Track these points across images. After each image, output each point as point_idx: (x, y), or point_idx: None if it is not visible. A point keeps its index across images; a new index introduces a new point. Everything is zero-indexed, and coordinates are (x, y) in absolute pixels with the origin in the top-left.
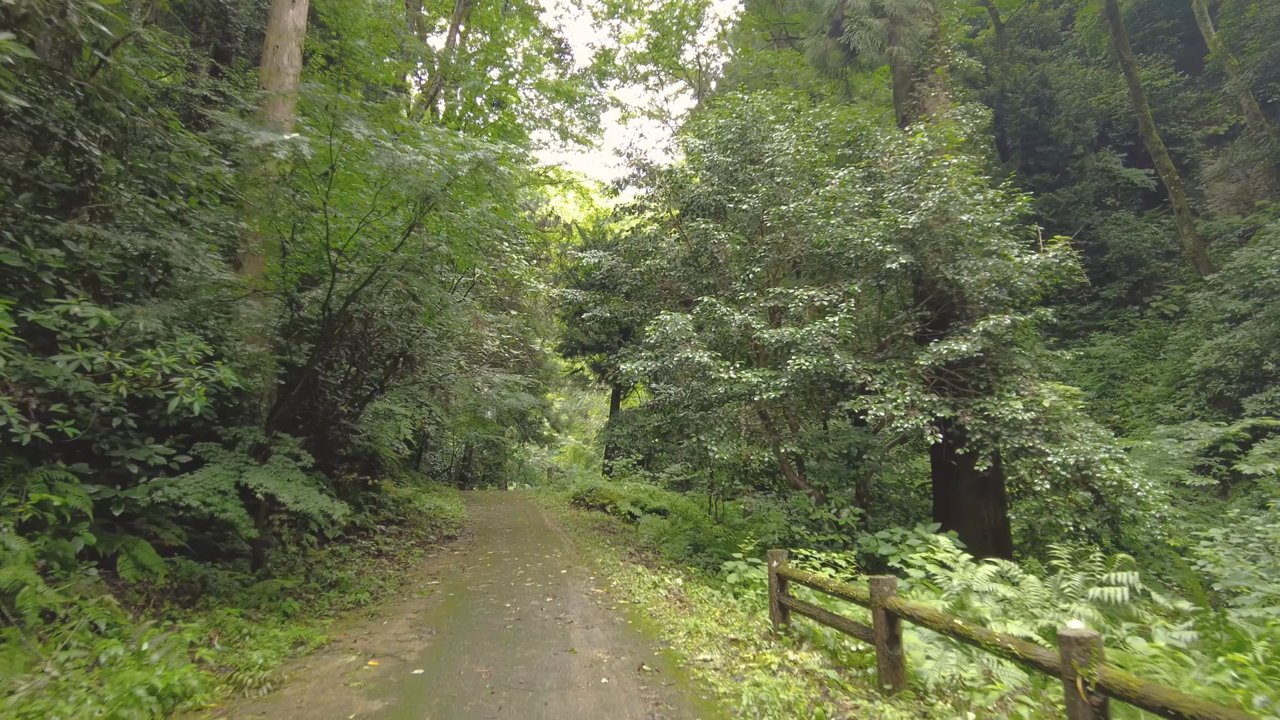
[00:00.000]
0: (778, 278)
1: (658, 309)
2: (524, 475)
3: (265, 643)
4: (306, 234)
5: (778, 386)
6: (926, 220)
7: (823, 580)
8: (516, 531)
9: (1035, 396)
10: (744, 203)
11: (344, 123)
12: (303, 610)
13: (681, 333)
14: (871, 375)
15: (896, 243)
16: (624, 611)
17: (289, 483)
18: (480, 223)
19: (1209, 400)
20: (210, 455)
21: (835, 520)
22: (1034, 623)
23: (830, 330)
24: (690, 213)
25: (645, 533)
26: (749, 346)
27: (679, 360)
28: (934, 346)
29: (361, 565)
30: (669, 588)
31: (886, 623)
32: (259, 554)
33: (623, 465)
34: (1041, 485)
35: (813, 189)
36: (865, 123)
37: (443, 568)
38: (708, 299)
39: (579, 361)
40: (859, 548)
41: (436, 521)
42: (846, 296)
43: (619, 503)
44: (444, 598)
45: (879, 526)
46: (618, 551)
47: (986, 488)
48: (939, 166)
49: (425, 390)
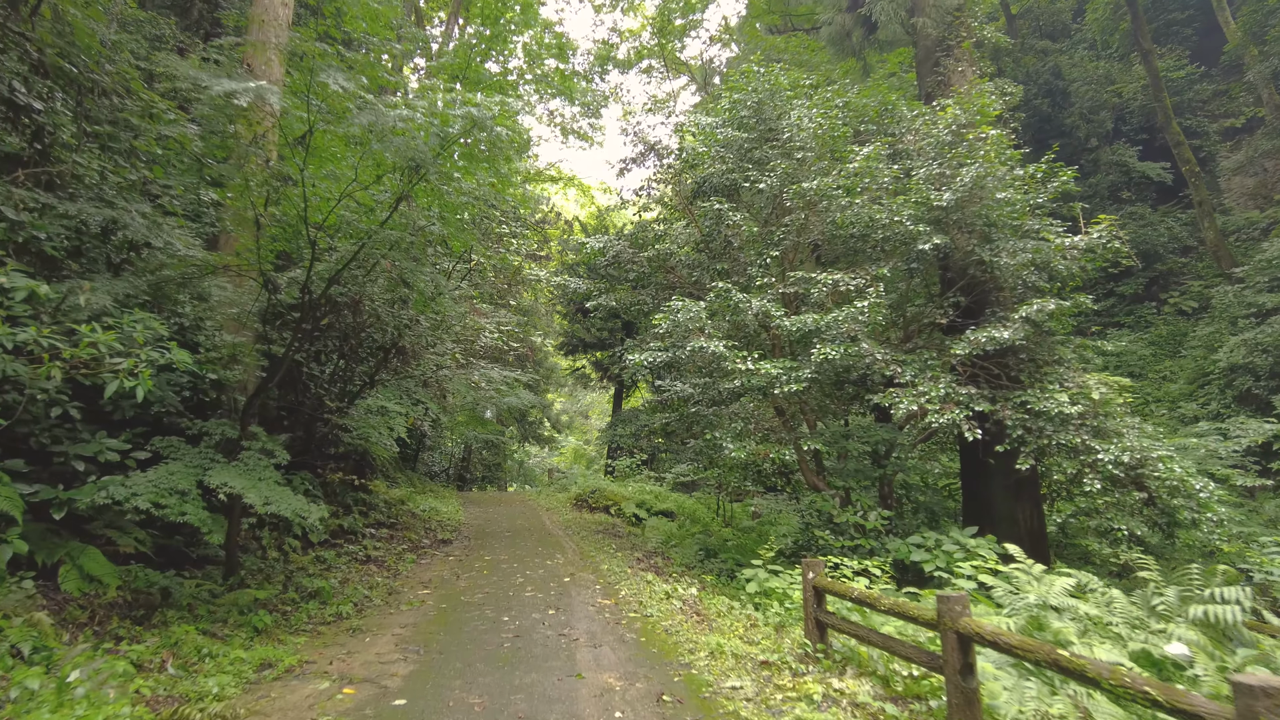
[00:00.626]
0: (796, 263)
1: (667, 298)
2: (524, 476)
3: (226, 666)
4: (283, 206)
5: (800, 378)
6: (962, 197)
7: (872, 597)
8: (516, 535)
9: (1082, 389)
10: (760, 182)
11: (320, 74)
12: (276, 625)
13: (694, 320)
14: (901, 366)
15: (928, 222)
16: (635, 627)
17: (260, 482)
18: (476, 199)
19: (1235, 398)
20: (171, 451)
21: (862, 524)
22: (1122, 646)
23: (859, 316)
24: (702, 194)
25: (652, 536)
26: (766, 336)
27: (691, 350)
28: (971, 334)
29: (347, 572)
30: (683, 598)
31: (959, 649)
32: (232, 561)
33: (626, 465)
34: (1091, 485)
35: (835, 167)
36: (890, 96)
37: (436, 575)
38: (722, 284)
39: (580, 359)
40: (887, 553)
41: (431, 524)
42: (875, 281)
43: (623, 504)
44: (435, 610)
45: (907, 530)
46: (624, 557)
47: (1022, 488)
48: (974, 139)
49: (419, 385)
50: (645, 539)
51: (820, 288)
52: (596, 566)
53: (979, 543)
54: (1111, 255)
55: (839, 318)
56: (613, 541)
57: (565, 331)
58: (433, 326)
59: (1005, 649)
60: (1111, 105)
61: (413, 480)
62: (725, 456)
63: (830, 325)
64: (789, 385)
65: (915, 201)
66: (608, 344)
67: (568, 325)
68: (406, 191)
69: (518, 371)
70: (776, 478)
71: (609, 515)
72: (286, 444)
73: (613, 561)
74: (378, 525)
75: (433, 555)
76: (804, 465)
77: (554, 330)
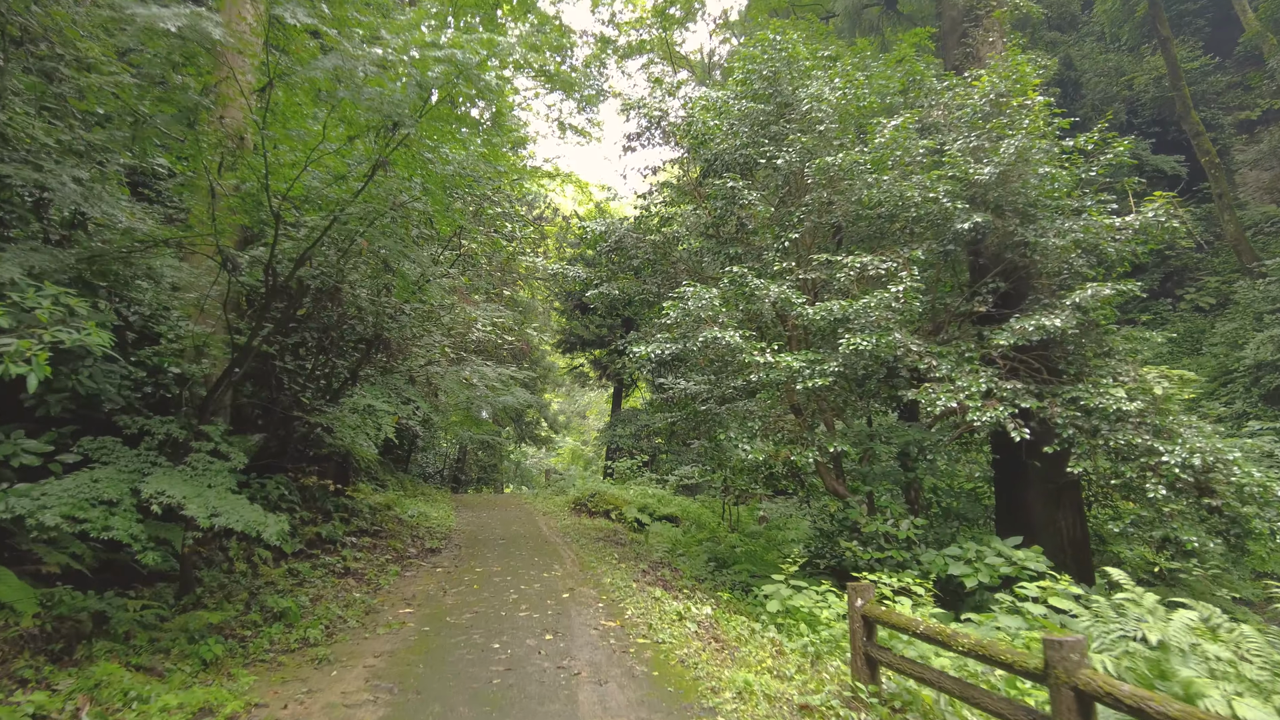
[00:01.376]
0: (814, 248)
1: (672, 288)
2: (520, 477)
3: (154, 715)
4: (240, 172)
5: (825, 372)
6: (1003, 171)
7: (945, 634)
8: (510, 543)
9: (1138, 382)
10: (778, 157)
11: (277, 6)
12: (230, 655)
13: (707, 308)
14: (937, 359)
15: (966, 199)
16: (646, 656)
17: (209, 489)
18: (464, 170)
19: (1262, 396)
20: (103, 454)
21: (892, 533)
22: (1266, 700)
23: (892, 303)
24: (712, 173)
25: (656, 544)
26: (785, 326)
27: (704, 342)
28: (1016, 323)
29: (322, 587)
30: (697, 620)
31: (1079, 711)
32: (187, 578)
33: (627, 467)
34: (1155, 491)
35: (859, 142)
36: (917, 66)
37: (421, 590)
38: (737, 269)
39: (579, 357)
40: (919, 566)
41: (419, 531)
42: (908, 264)
43: (625, 509)
44: (416, 633)
45: (940, 540)
46: (628, 569)
47: (1063, 493)
48: (1018, 107)
49: (407, 382)
50: (649, 547)
51: (846, 272)
52: (598, 580)
53: (1026, 554)
54: (1168, 236)
55: (870, 304)
56: (615, 550)
57: (563, 329)
58: (420, 318)
59: (1141, 713)
60: (1123, 98)
61: (403, 483)
62: (739, 458)
63: (859, 313)
64: (812, 380)
65: (952, 176)
66: (607, 341)
67: (565, 323)
68: (383, 157)
69: (513, 368)
70: (788, 481)
71: (610, 520)
72: (259, 445)
73: (616, 574)
74: (360, 533)
75: (419, 566)
76: (823, 468)
77: (551, 329)
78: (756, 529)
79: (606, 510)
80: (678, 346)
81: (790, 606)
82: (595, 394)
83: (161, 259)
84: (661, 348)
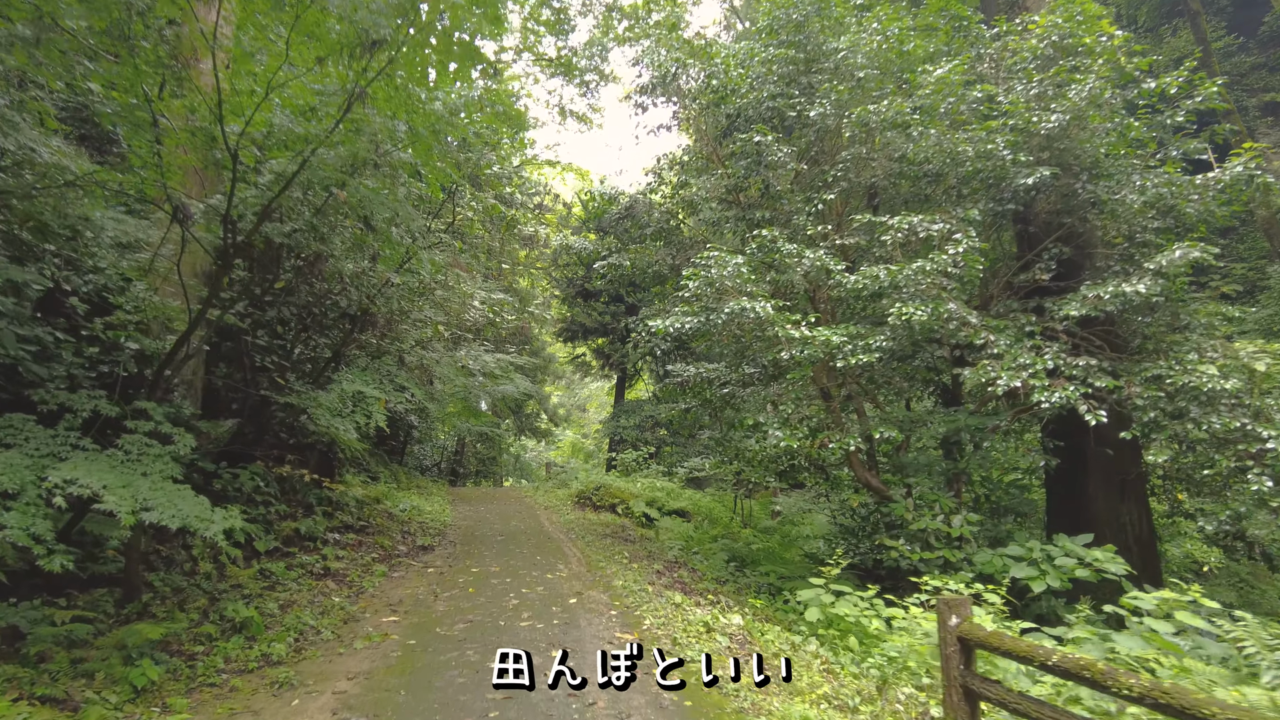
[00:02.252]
0: (847, 213)
1: (688, 258)
2: (520, 470)
3: None
4: (189, 98)
5: (871, 348)
6: (1073, 120)
7: (1097, 670)
8: (510, 539)
9: (1231, 359)
10: (811, 109)
11: None
12: (170, 678)
13: (733, 277)
14: (994, 333)
15: (1029, 151)
16: (674, 682)
17: (141, 478)
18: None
19: None
20: (9, 435)
21: (944, 530)
22: None
23: (949, 268)
24: (734, 132)
25: (668, 541)
26: (819, 299)
27: (730, 314)
28: (1087, 291)
29: (295, 591)
30: (728, 632)
31: None
32: (132, 582)
33: (632, 459)
34: (1260, 482)
35: (901, 95)
36: (963, 9)
37: (409, 593)
38: (766, 232)
39: (580, 346)
40: (973, 567)
41: (410, 527)
42: (963, 225)
43: (632, 503)
44: (400, 648)
45: (994, 537)
46: (641, 569)
47: (1127, 486)
48: (1092, 44)
49: (397, 363)
50: (661, 544)
51: (893, 234)
52: (609, 582)
53: (1101, 555)
54: (1258, 194)
55: (924, 268)
56: (624, 547)
57: (564, 318)
58: (411, 294)
59: None
60: None
61: (398, 475)
62: (771, 446)
63: (910, 280)
64: (856, 357)
65: (1012, 127)
66: (610, 329)
67: (567, 311)
68: (360, 86)
69: (512, 353)
70: (807, 473)
71: (616, 515)
72: (232, 431)
73: (628, 575)
74: (344, 529)
75: (408, 566)
76: (854, 459)
77: (550, 320)
78: (770, 524)
79: (612, 504)
80: (699, 320)
81: (833, 616)
82: (597, 385)
83: (100, 209)
84: (681, 322)
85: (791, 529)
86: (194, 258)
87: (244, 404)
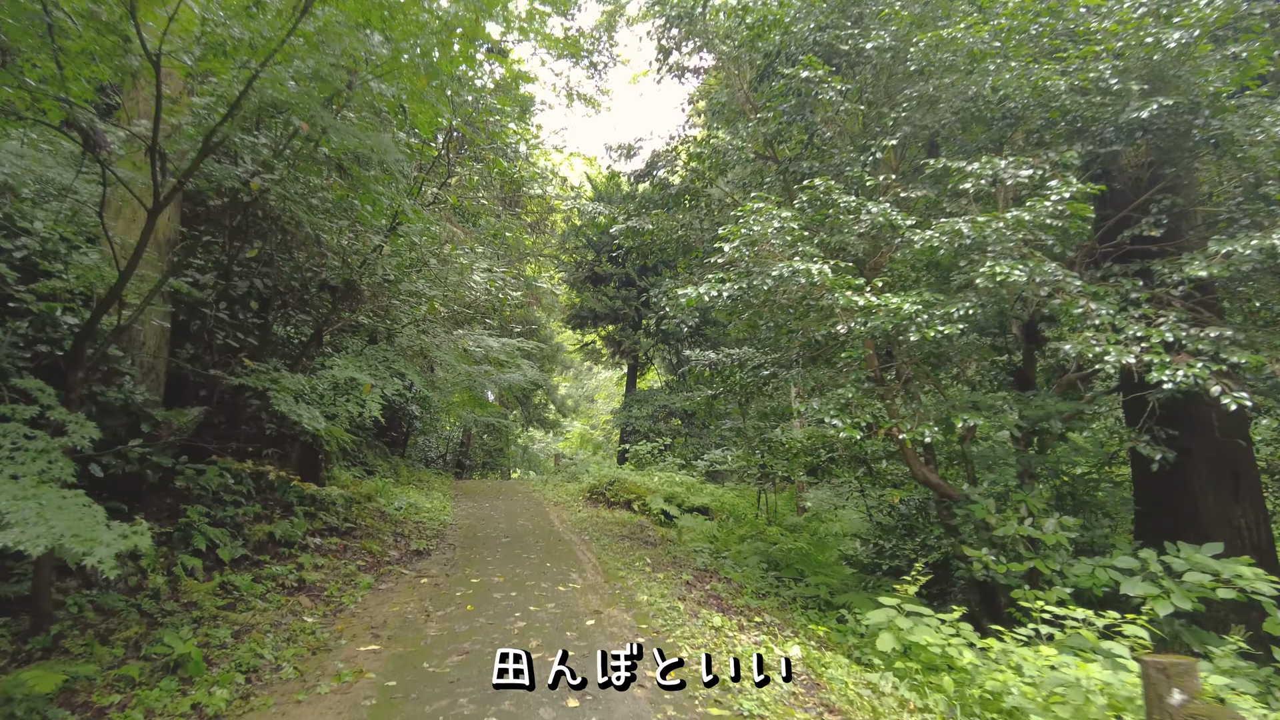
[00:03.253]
0: (902, 164)
1: (717, 224)
2: (529, 462)
3: None
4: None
5: (952, 318)
6: (1192, 43)
7: None
8: (516, 542)
9: None
10: (868, 41)
11: None
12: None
13: (781, 233)
14: (1094, 300)
15: (1144, 80)
16: None
17: (9, 481)
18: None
19: None
20: None
21: (1035, 536)
22: None
23: (1047, 220)
24: (770, 75)
25: (692, 542)
26: (877, 263)
27: (779, 278)
28: (1217, 248)
29: (259, 612)
30: (788, 667)
31: None
32: (41, 610)
33: (646, 451)
34: None
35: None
36: None
37: (396, 611)
38: (820, 181)
39: (590, 334)
40: (1064, 580)
41: (405, 528)
42: (1059, 170)
43: (649, 499)
44: (374, 694)
45: (1093, 545)
46: (667, 579)
47: (1240, 482)
48: None
49: (387, 343)
50: (686, 548)
51: (974, 182)
52: (631, 596)
53: (1246, 570)
54: None
55: (1022, 218)
56: (645, 551)
57: (573, 304)
58: (400, 262)
59: None
60: None
61: (398, 468)
62: (831, 435)
63: (1001, 236)
64: (932, 329)
65: (1119, 50)
66: (622, 315)
67: (576, 297)
68: None
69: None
70: (841, 467)
71: (632, 512)
72: (198, 420)
73: (652, 586)
74: (327, 532)
75: (399, 576)
76: (911, 451)
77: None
78: (796, 520)
79: (628, 500)
80: (739, 286)
81: (911, 643)
82: (606, 376)
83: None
84: (716, 289)
85: (819, 526)
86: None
87: (213, 391)
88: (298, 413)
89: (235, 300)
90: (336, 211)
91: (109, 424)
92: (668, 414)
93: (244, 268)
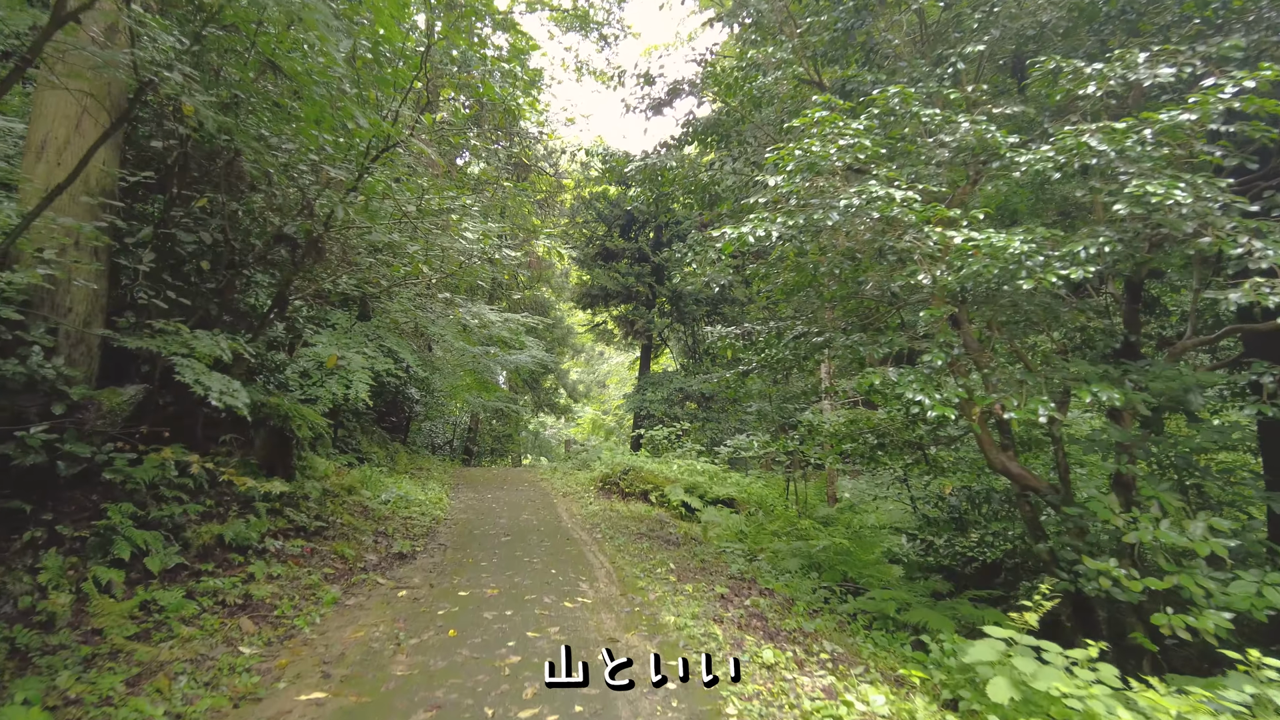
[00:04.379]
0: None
1: (755, 165)
2: (539, 448)
3: None
4: None
5: (1079, 258)
6: None
7: None
8: (517, 541)
9: None
10: None
11: None
12: None
13: (850, 151)
14: (1258, 237)
15: None
16: None
17: None
18: None
19: None
20: None
21: (1182, 544)
22: None
23: (1219, 123)
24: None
25: (718, 540)
26: (962, 194)
27: (849, 207)
28: None
29: (182, 642)
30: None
31: None
32: None
33: (662, 436)
34: None
35: None
36: None
37: (359, 638)
38: (896, 88)
39: (601, 313)
40: (1214, 599)
41: (389, 526)
42: (1216, 65)
43: (668, 490)
44: None
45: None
46: (696, 591)
47: None
48: None
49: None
50: (714, 547)
51: (1104, 82)
52: (655, 617)
53: None
54: None
55: (1180, 120)
56: (667, 553)
57: (583, 283)
58: (374, 212)
59: None
60: None
61: (396, 455)
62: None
63: (1145, 150)
64: (1052, 272)
65: None
66: (634, 295)
67: (586, 276)
68: None
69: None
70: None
71: (649, 505)
72: (134, 401)
73: (679, 602)
74: (294, 532)
75: (373, 587)
76: (985, 435)
77: (568, 290)
78: (828, 512)
79: (644, 491)
80: (794, 222)
81: (1034, 691)
82: (618, 360)
83: None
84: (764, 228)
85: (853, 518)
86: (57, 154)
87: (155, 366)
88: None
89: (185, 259)
90: (290, 136)
91: (2, 404)
92: (684, 397)
93: (193, 219)
